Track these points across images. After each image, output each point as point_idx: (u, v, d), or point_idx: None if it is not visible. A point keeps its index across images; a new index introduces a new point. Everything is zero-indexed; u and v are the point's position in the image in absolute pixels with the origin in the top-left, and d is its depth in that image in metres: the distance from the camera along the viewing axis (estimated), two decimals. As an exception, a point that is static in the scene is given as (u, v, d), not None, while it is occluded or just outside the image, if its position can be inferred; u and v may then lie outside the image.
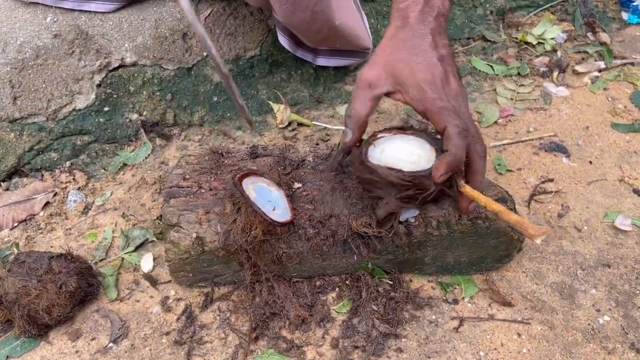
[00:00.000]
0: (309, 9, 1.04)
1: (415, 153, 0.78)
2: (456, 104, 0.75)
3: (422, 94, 0.75)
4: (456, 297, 0.91)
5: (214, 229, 0.85)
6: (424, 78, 0.75)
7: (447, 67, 0.77)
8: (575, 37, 1.47)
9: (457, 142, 0.72)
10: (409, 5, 0.78)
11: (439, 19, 0.78)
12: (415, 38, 0.77)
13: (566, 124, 1.23)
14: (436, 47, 0.77)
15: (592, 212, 1.04)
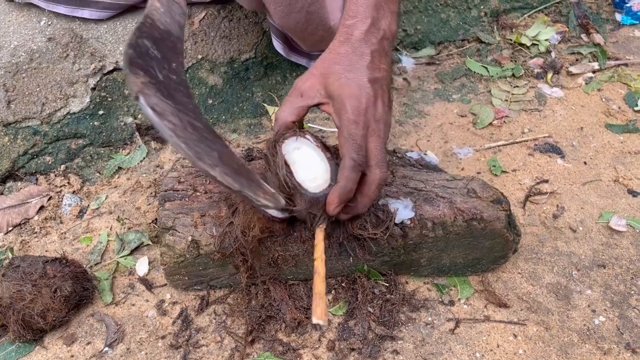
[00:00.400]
0: (304, 10, 1.04)
1: (316, 170, 0.78)
2: (375, 128, 0.76)
3: (343, 112, 0.75)
4: (452, 298, 0.91)
5: (210, 232, 0.85)
6: (349, 95, 0.75)
7: (377, 90, 0.77)
8: (569, 38, 1.47)
9: (349, 175, 0.74)
10: (355, 23, 0.78)
11: (383, 42, 0.79)
12: (353, 55, 0.77)
13: (561, 125, 1.24)
14: (372, 69, 0.77)
15: (587, 212, 1.04)
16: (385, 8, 0.79)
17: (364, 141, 0.76)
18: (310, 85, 0.79)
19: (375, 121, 0.76)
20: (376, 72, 0.77)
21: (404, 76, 1.37)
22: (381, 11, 0.79)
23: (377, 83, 0.77)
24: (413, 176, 0.91)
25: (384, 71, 0.79)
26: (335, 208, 0.77)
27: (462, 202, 0.86)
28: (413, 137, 1.21)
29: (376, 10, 0.78)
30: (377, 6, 0.78)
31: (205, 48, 1.22)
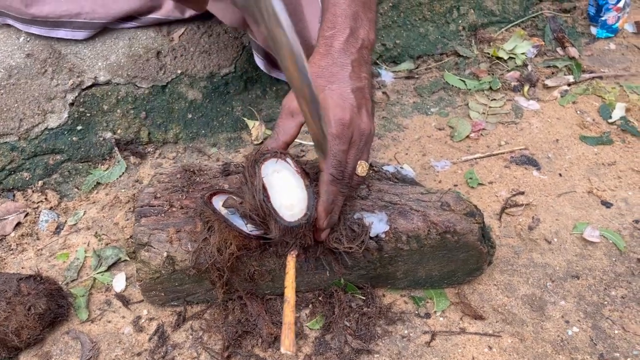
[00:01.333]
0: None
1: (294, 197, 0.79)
2: (357, 140, 0.77)
3: (327, 126, 0.76)
4: (428, 311, 0.92)
5: (185, 248, 0.85)
6: (334, 106, 0.76)
7: (360, 99, 0.78)
8: (545, 52, 1.50)
9: (328, 188, 0.77)
10: (334, 34, 0.80)
11: (362, 51, 0.80)
12: (334, 67, 0.79)
13: (537, 137, 1.25)
14: (354, 78, 0.78)
15: (562, 224, 1.06)
16: (362, 17, 0.81)
17: (345, 156, 0.77)
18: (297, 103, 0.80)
19: (359, 132, 0.77)
20: (358, 82, 0.79)
21: (384, 90, 1.38)
22: (359, 20, 0.80)
23: (360, 92, 0.79)
24: (388, 190, 0.91)
25: (365, 79, 0.80)
26: (324, 221, 0.79)
27: (436, 215, 0.87)
28: (392, 150, 1.22)
29: (354, 20, 0.80)
30: (354, 16, 0.80)
31: (184, 63, 1.23)
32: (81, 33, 1.14)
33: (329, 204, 0.78)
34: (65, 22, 1.11)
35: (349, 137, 0.76)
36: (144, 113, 1.20)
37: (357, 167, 0.80)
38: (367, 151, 0.81)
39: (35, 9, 1.08)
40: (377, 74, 1.41)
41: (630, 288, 0.94)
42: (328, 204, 0.78)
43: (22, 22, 1.12)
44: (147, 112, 1.21)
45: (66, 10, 1.09)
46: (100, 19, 1.13)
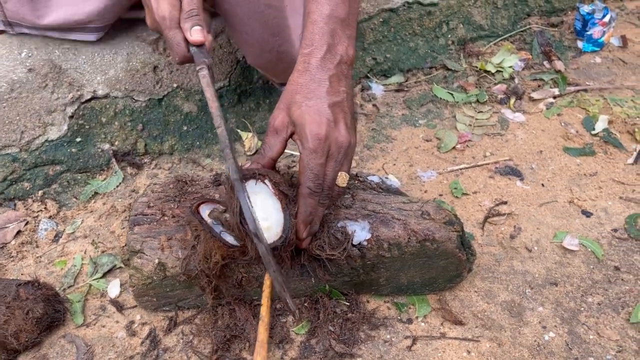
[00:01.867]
0: (274, 50, 1.10)
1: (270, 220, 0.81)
2: (335, 152, 0.81)
3: (304, 141, 0.80)
4: (410, 316, 0.95)
5: (176, 255, 0.89)
6: (310, 122, 0.80)
7: (338, 114, 0.81)
8: (532, 65, 1.54)
9: (305, 201, 0.81)
10: (312, 51, 0.83)
11: (341, 66, 0.83)
12: (312, 83, 0.82)
13: (521, 148, 1.29)
14: (331, 94, 0.82)
15: (543, 232, 1.09)
16: (340, 34, 0.84)
17: (321, 169, 0.81)
18: (281, 120, 0.84)
19: (336, 146, 0.80)
20: (335, 97, 0.82)
21: (374, 102, 1.42)
22: (336, 37, 0.83)
23: (337, 107, 0.82)
24: (372, 199, 0.95)
25: (343, 94, 0.83)
26: (304, 232, 0.83)
27: (416, 223, 0.90)
28: (380, 161, 1.26)
29: (331, 37, 0.83)
30: (332, 33, 0.83)
31: (180, 77, 1.27)
32: (93, 35, 1.18)
33: (307, 216, 0.82)
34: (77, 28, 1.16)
35: (325, 151, 0.80)
36: (140, 125, 1.25)
37: (338, 178, 0.83)
38: (347, 162, 0.84)
39: (47, 20, 1.13)
40: (368, 87, 1.45)
41: (607, 295, 0.97)
42: (306, 216, 0.82)
43: (36, 29, 1.17)
44: (144, 124, 1.25)
45: (77, 21, 1.13)
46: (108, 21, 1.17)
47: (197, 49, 0.85)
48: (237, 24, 1.07)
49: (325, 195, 0.83)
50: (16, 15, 1.14)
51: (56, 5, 1.13)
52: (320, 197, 0.82)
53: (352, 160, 0.88)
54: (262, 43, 1.08)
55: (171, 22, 0.85)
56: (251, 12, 1.04)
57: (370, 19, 1.45)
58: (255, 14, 1.04)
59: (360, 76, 1.48)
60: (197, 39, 0.84)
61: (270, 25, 1.06)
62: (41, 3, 1.12)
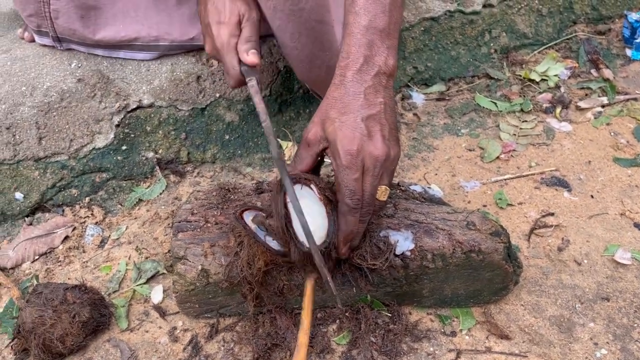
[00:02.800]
0: (324, 65, 1.10)
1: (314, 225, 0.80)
2: (370, 167, 0.79)
3: (337, 157, 0.79)
4: (454, 329, 0.93)
5: (219, 261, 0.89)
6: (342, 138, 0.78)
7: (373, 127, 0.79)
8: (578, 73, 1.50)
9: (346, 219, 0.80)
10: (348, 64, 0.81)
11: (379, 77, 0.81)
12: (347, 97, 0.80)
13: (568, 158, 1.25)
14: (366, 107, 0.79)
15: (593, 245, 1.05)
16: (379, 45, 0.82)
17: (357, 185, 0.79)
18: (314, 134, 0.84)
19: (371, 159, 0.78)
20: (370, 109, 0.80)
21: (414, 111, 1.41)
22: (374, 48, 0.81)
23: (373, 119, 0.80)
24: (415, 209, 0.94)
25: (380, 105, 0.81)
26: (343, 249, 0.83)
27: (461, 234, 0.88)
28: (421, 171, 1.24)
29: (369, 48, 0.81)
30: (369, 45, 0.81)
31: (223, 87, 1.29)
32: (140, 54, 1.22)
33: (348, 234, 0.81)
34: (124, 45, 1.20)
35: (359, 166, 0.78)
36: (184, 134, 1.27)
37: (378, 192, 0.81)
38: (387, 175, 0.82)
39: (99, 36, 1.17)
40: (409, 95, 1.44)
41: (663, 311, 0.93)
42: (347, 234, 0.81)
43: (84, 46, 1.21)
44: (187, 133, 1.27)
45: (125, 36, 1.17)
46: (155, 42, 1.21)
47: (249, 68, 0.94)
48: (287, 39, 1.07)
49: (365, 212, 0.81)
50: (67, 31, 1.18)
51: (104, 24, 1.17)
52: (360, 214, 0.80)
53: (394, 171, 0.86)
54: (312, 58, 1.09)
55: (229, 47, 0.96)
56: (302, 28, 1.04)
57: (411, 27, 1.45)
58: (306, 30, 1.05)
59: (401, 85, 1.47)
60: (252, 60, 0.95)
61: (321, 40, 1.06)
62: (91, 20, 1.16)
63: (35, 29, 1.21)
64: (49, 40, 1.22)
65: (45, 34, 1.20)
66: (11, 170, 1.17)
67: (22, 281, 1.06)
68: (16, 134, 1.17)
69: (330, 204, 0.82)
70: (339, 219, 0.81)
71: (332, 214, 0.81)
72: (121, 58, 1.24)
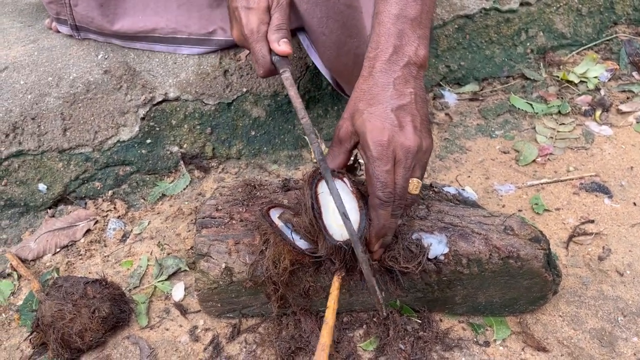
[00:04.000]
0: (351, 52, 1.06)
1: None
2: (402, 158, 0.75)
3: (367, 150, 0.76)
4: (487, 339, 0.88)
5: (243, 259, 0.86)
6: (371, 129, 0.75)
7: (403, 117, 0.76)
8: (619, 76, 1.44)
9: (377, 213, 0.76)
10: (377, 54, 0.78)
11: (409, 68, 0.78)
12: (375, 88, 0.77)
13: (609, 164, 1.19)
14: (396, 97, 0.76)
15: (636, 255, 0.99)
16: (410, 34, 0.79)
17: (389, 176, 0.75)
18: (345, 130, 0.81)
19: (403, 150, 0.75)
20: (400, 100, 0.77)
21: (446, 111, 1.36)
22: (405, 38, 0.78)
23: (403, 110, 0.77)
24: (449, 211, 0.89)
25: (410, 95, 0.78)
26: (375, 245, 0.79)
27: (499, 239, 0.84)
28: (453, 172, 1.20)
29: (399, 38, 0.78)
30: (399, 34, 0.78)
31: (250, 82, 1.26)
32: (157, 46, 1.21)
33: (380, 229, 0.77)
34: (141, 36, 1.18)
35: (390, 157, 0.75)
36: (209, 129, 1.24)
37: (409, 185, 0.78)
38: (420, 168, 0.79)
39: (117, 26, 1.16)
40: (441, 95, 1.39)
41: None
42: (379, 229, 0.77)
43: (102, 35, 1.19)
44: (213, 128, 1.25)
45: (143, 27, 1.16)
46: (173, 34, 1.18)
47: (280, 59, 0.89)
48: (315, 25, 1.04)
49: (397, 205, 0.77)
50: (85, 19, 1.16)
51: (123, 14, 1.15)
52: (392, 207, 0.77)
53: (427, 164, 0.82)
54: (340, 45, 1.05)
55: (259, 35, 0.91)
56: (330, 12, 1.01)
57: (444, 25, 1.40)
58: (335, 14, 1.01)
59: (433, 84, 1.42)
60: (284, 49, 0.90)
61: (349, 26, 1.03)
62: (110, 9, 1.14)
63: (55, 17, 1.20)
64: (67, 29, 1.21)
65: (64, 21, 1.19)
66: (35, 161, 1.15)
67: (42, 274, 1.04)
68: (41, 124, 1.16)
69: (363, 198, 0.79)
70: (370, 213, 0.77)
71: (364, 208, 0.78)
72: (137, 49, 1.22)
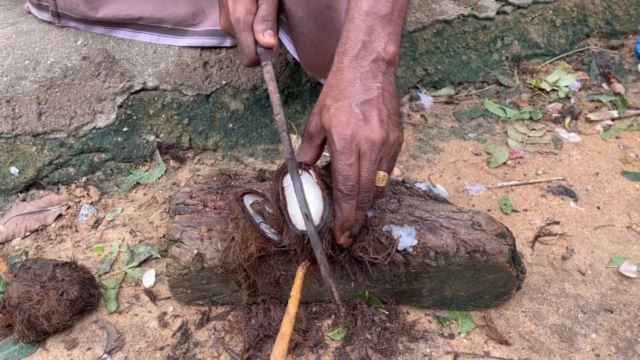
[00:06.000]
0: (328, 53, 1.08)
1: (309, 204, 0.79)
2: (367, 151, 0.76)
3: (331, 144, 0.77)
4: (452, 332, 0.90)
5: (215, 246, 0.87)
6: (336, 124, 0.76)
7: (369, 111, 0.77)
8: (589, 86, 1.48)
9: (340, 206, 0.77)
10: (346, 49, 0.79)
11: (378, 63, 0.79)
12: (342, 83, 0.78)
13: (576, 169, 1.23)
14: (362, 92, 0.77)
15: (597, 256, 1.03)
16: (379, 31, 0.80)
17: (351, 170, 0.76)
18: (314, 125, 0.82)
19: (368, 143, 0.76)
20: (367, 94, 0.78)
21: (422, 113, 1.39)
22: (374, 34, 0.79)
23: (369, 104, 0.77)
24: (419, 206, 0.91)
25: (377, 90, 0.78)
26: (340, 238, 0.80)
27: (466, 233, 0.86)
28: (426, 172, 1.22)
29: (368, 34, 0.79)
30: (369, 30, 0.79)
31: (230, 74, 1.27)
32: (141, 34, 1.21)
33: (344, 221, 0.78)
34: (126, 23, 1.18)
35: (354, 151, 0.76)
36: (187, 119, 1.25)
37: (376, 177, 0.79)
38: (386, 161, 0.79)
39: (101, 13, 1.15)
40: (417, 97, 1.42)
41: (667, 327, 0.90)
42: (343, 222, 0.78)
43: (85, 24, 1.19)
44: (190, 119, 1.25)
45: (128, 14, 1.16)
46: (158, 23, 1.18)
47: (265, 50, 0.88)
48: (296, 23, 1.06)
49: (363, 198, 0.78)
50: (68, 6, 1.15)
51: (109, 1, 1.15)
52: (357, 200, 0.78)
53: (396, 157, 0.83)
54: (318, 45, 1.07)
55: (245, 25, 0.89)
56: (311, 12, 1.03)
57: (423, 29, 1.43)
58: (315, 14, 1.03)
59: (410, 86, 1.45)
60: (268, 41, 0.88)
61: (328, 27, 1.04)
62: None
63: (36, 2, 1.19)
64: (47, 16, 1.20)
65: (45, 8, 1.18)
66: (8, 144, 1.14)
67: (11, 257, 1.03)
68: (16, 107, 1.15)
69: (327, 189, 0.80)
70: (334, 207, 0.78)
71: (327, 198, 0.79)
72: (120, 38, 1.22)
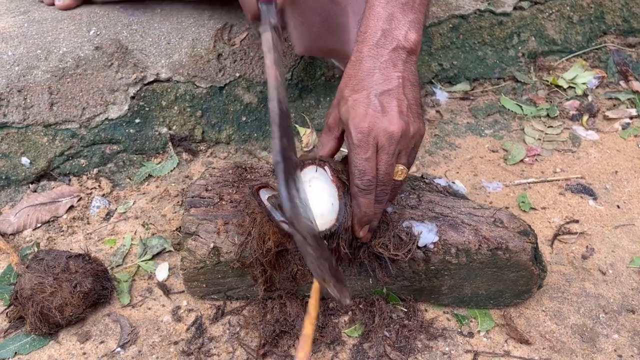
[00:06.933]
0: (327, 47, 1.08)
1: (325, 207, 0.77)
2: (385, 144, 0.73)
3: (348, 137, 0.75)
4: (472, 330, 0.88)
5: (232, 240, 0.85)
6: (354, 117, 0.74)
7: (388, 102, 0.74)
8: (607, 83, 1.46)
9: (358, 201, 0.75)
10: (365, 38, 0.77)
11: (398, 52, 0.76)
12: (361, 73, 0.76)
13: (594, 167, 1.21)
14: (381, 82, 0.75)
15: (618, 256, 1.01)
16: (400, 18, 0.77)
17: (368, 164, 0.74)
18: (333, 117, 0.80)
19: (386, 136, 0.73)
20: (386, 84, 0.75)
21: (437, 109, 1.37)
22: (394, 21, 0.76)
23: (388, 94, 0.75)
24: (439, 202, 0.90)
25: (397, 80, 0.76)
26: (360, 232, 0.78)
27: (488, 230, 0.84)
28: (442, 168, 1.20)
29: (388, 21, 0.76)
30: (389, 17, 0.76)
31: (244, 67, 1.25)
32: None
33: (362, 216, 0.76)
34: None
35: (371, 145, 0.73)
36: (200, 112, 1.23)
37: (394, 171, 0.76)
38: (405, 154, 0.77)
39: None
40: (432, 92, 1.40)
41: (691, 329, 0.89)
42: (361, 217, 0.76)
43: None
44: (203, 111, 1.23)
45: None
46: None
47: (266, 7, 0.81)
48: (298, 14, 1.04)
49: (381, 191, 0.76)
50: None
51: None
52: (375, 194, 0.76)
53: (417, 149, 0.80)
54: (318, 37, 1.05)
55: None
56: (315, 4, 1.01)
57: (439, 23, 1.41)
58: (318, 7, 1.01)
59: (425, 81, 1.43)
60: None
61: (330, 21, 1.02)
62: None
63: None
64: None
65: None
66: (19, 134, 1.13)
67: (22, 248, 1.02)
68: (27, 97, 1.13)
69: (344, 186, 0.77)
70: (351, 201, 0.76)
71: (344, 197, 0.77)
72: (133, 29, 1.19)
